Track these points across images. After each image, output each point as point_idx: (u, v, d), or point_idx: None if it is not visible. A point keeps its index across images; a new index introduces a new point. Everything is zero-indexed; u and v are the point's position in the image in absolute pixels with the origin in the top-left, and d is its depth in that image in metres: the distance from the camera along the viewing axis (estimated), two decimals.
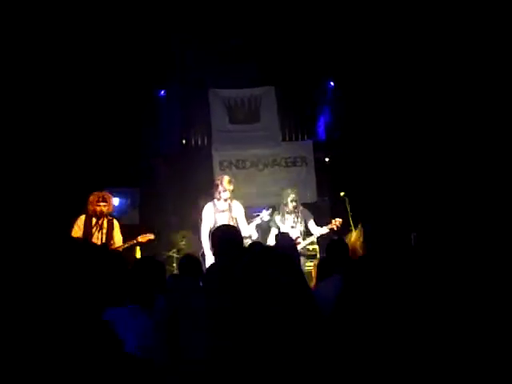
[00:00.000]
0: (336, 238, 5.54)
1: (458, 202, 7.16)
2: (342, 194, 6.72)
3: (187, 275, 3.90)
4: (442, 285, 2.55)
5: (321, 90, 8.74)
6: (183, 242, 7.19)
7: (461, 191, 7.19)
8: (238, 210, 6.03)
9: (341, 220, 6.25)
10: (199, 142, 8.93)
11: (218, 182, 6.04)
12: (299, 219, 6.33)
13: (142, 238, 5.75)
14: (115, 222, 5.78)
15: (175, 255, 7.01)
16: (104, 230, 5.62)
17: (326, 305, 2.35)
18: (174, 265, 6.80)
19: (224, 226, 3.70)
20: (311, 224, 6.35)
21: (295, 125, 8.90)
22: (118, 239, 5.70)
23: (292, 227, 6.27)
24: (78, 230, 5.58)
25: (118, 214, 6.95)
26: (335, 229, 6.21)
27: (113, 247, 5.56)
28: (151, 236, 5.80)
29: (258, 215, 6.13)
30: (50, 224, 6.30)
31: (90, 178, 7.09)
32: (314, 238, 6.35)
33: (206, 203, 6.10)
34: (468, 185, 7.15)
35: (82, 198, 5.82)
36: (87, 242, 5.15)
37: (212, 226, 5.79)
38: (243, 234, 4.62)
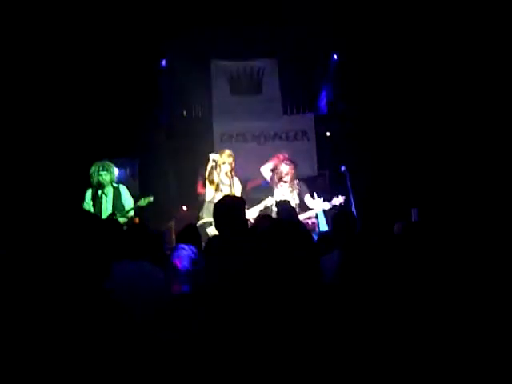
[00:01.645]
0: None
1: (459, 178, 7.14)
2: (342, 168, 6.69)
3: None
4: (438, 262, 2.54)
5: (323, 63, 8.62)
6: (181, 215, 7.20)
7: (462, 167, 7.16)
8: (238, 187, 6.04)
9: (344, 197, 6.22)
10: (200, 114, 8.85)
11: (219, 155, 6.05)
12: (294, 192, 6.30)
13: (142, 202, 5.75)
14: (121, 188, 5.79)
15: (174, 227, 7.01)
16: (110, 200, 5.64)
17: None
18: (174, 237, 6.81)
19: (228, 197, 3.54)
20: (307, 198, 6.32)
21: (297, 98, 8.80)
22: (127, 204, 5.73)
23: (292, 199, 6.19)
24: (87, 204, 5.64)
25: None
26: (338, 206, 6.19)
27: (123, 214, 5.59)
28: (150, 199, 5.79)
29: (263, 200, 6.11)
30: (54, 197, 6.33)
31: (89, 149, 7.05)
32: (313, 213, 6.33)
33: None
34: (469, 160, 7.12)
35: (83, 169, 5.82)
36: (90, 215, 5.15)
37: (211, 198, 5.83)
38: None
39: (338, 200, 6.18)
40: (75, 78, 7.43)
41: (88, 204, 5.62)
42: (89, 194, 5.67)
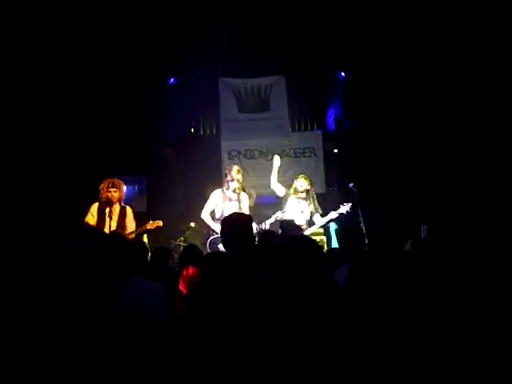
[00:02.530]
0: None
1: (468, 194, 7.09)
2: (350, 185, 6.67)
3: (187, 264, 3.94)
4: (448, 279, 2.52)
5: (331, 80, 8.66)
6: (189, 232, 7.19)
7: (472, 184, 7.12)
8: (245, 202, 6.04)
9: (350, 204, 6.20)
10: (208, 131, 8.91)
11: (227, 172, 6.07)
12: (310, 207, 6.31)
13: (150, 225, 5.74)
14: (128, 209, 5.78)
15: (182, 244, 7.00)
16: (116, 217, 5.63)
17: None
18: None
19: (235, 214, 3.51)
20: (317, 217, 6.33)
21: (305, 115, 8.84)
22: (130, 226, 5.70)
23: (302, 212, 6.24)
24: (91, 218, 5.60)
25: (126, 201, 6.95)
26: (345, 213, 6.17)
27: (124, 233, 5.56)
28: (160, 223, 5.79)
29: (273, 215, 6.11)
30: (61, 212, 6.35)
31: (99, 166, 7.10)
32: (318, 228, 6.32)
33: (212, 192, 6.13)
34: (479, 177, 7.08)
35: (91, 185, 5.84)
36: (95, 230, 5.16)
37: (220, 214, 5.82)
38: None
39: (345, 208, 6.16)
40: (86, 97, 7.52)
41: (93, 218, 5.60)
42: (95, 207, 5.65)
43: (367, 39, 7.75)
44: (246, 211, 5.94)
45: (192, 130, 8.84)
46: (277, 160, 6.31)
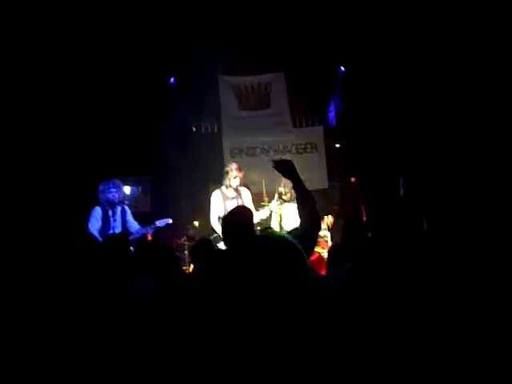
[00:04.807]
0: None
1: (473, 186, 7.07)
2: (352, 179, 6.68)
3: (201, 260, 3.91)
4: (448, 272, 2.53)
5: (331, 75, 8.65)
6: (193, 231, 7.20)
7: (475, 175, 7.10)
8: (246, 196, 6.03)
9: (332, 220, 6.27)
10: (209, 129, 8.92)
11: (228, 169, 6.05)
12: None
13: (159, 223, 5.75)
14: (127, 209, 5.79)
15: (186, 243, 7.02)
16: (119, 218, 5.63)
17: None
18: (186, 252, 6.82)
19: (235, 209, 3.48)
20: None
21: (305, 111, 8.84)
22: (134, 225, 5.71)
23: (292, 216, 6.15)
24: (95, 222, 5.57)
25: (130, 202, 6.97)
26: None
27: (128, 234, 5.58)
28: (169, 220, 5.80)
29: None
30: (62, 214, 6.36)
31: (100, 167, 7.11)
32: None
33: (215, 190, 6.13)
34: (481, 167, 7.07)
35: (92, 187, 5.84)
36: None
37: (222, 214, 5.80)
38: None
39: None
40: (87, 96, 7.52)
41: (97, 222, 5.58)
42: (98, 211, 5.62)
43: (366, 33, 7.74)
44: (250, 205, 5.92)
45: (194, 129, 8.86)
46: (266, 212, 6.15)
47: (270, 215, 6.37)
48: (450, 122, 7.48)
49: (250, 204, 5.95)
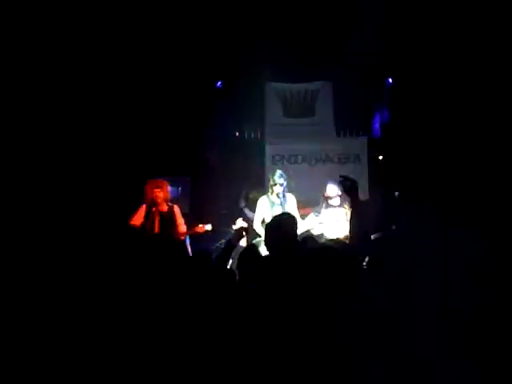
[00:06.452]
0: None
1: None
2: (396, 193, 6.56)
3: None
4: None
5: (378, 86, 8.55)
6: (231, 235, 7.19)
7: None
8: (291, 203, 5.98)
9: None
10: (252, 135, 8.94)
11: (270, 176, 6.04)
12: (347, 215, 6.22)
13: (200, 229, 5.80)
14: (175, 208, 5.85)
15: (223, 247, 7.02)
16: (161, 218, 5.70)
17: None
18: None
19: (279, 216, 3.47)
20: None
21: (350, 121, 8.75)
22: (179, 225, 5.77)
23: (337, 221, 6.13)
24: (138, 219, 5.69)
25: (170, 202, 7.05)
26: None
27: (174, 234, 5.65)
28: (209, 227, 5.84)
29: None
30: (109, 212, 6.50)
31: (144, 167, 7.23)
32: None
33: (255, 196, 6.11)
34: None
35: (137, 186, 5.94)
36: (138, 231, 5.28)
37: (267, 219, 5.80)
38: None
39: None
40: (134, 99, 7.67)
41: (140, 219, 5.68)
42: (143, 208, 5.74)
43: (416, 45, 7.62)
44: (295, 212, 5.83)
45: (237, 134, 8.90)
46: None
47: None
48: (499, 135, 7.26)
49: (294, 211, 5.91)
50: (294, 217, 3.34)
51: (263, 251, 4.62)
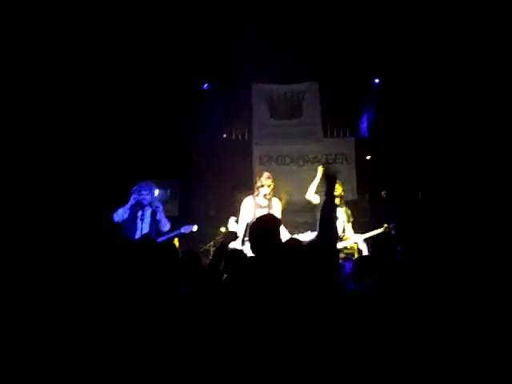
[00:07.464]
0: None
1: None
2: (383, 192, 6.58)
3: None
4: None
5: (365, 87, 8.57)
6: (220, 237, 7.19)
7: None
8: (276, 207, 5.97)
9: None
10: (239, 136, 8.94)
11: (257, 178, 6.03)
12: (345, 215, 6.25)
13: (184, 229, 5.78)
14: (159, 209, 5.83)
15: (212, 249, 7.02)
16: (147, 220, 5.67)
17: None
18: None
19: (263, 216, 3.48)
20: (348, 227, 6.27)
21: (337, 121, 8.77)
22: (164, 226, 5.74)
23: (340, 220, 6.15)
24: (122, 213, 5.65)
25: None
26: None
27: (157, 236, 5.62)
28: (194, 228, 5.82)
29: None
30: (95, 213, 6.46)
31: (131, 170, 7.19)
32: (352, 243, 6.27)
33: (243, 197, 6.08)
34: None
35: (125, 188, 5.90)
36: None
37: (250, 221, 5.77)
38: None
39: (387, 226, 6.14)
40: (119, 101, 7.63)
41: (125, 213, 5.65)
42: (128, 205, 5.71)
43: (402, 45, 7.66)
44: (278, 216, 5.87)
45: (224, 135, 8.89)
46: (320, 171, 6.21)
47: None
48: (489, 138, 7.31)
49: (278, 216, 5.91)
50: (277, 218, 3.35)
51: (248, 252, 4.62)
